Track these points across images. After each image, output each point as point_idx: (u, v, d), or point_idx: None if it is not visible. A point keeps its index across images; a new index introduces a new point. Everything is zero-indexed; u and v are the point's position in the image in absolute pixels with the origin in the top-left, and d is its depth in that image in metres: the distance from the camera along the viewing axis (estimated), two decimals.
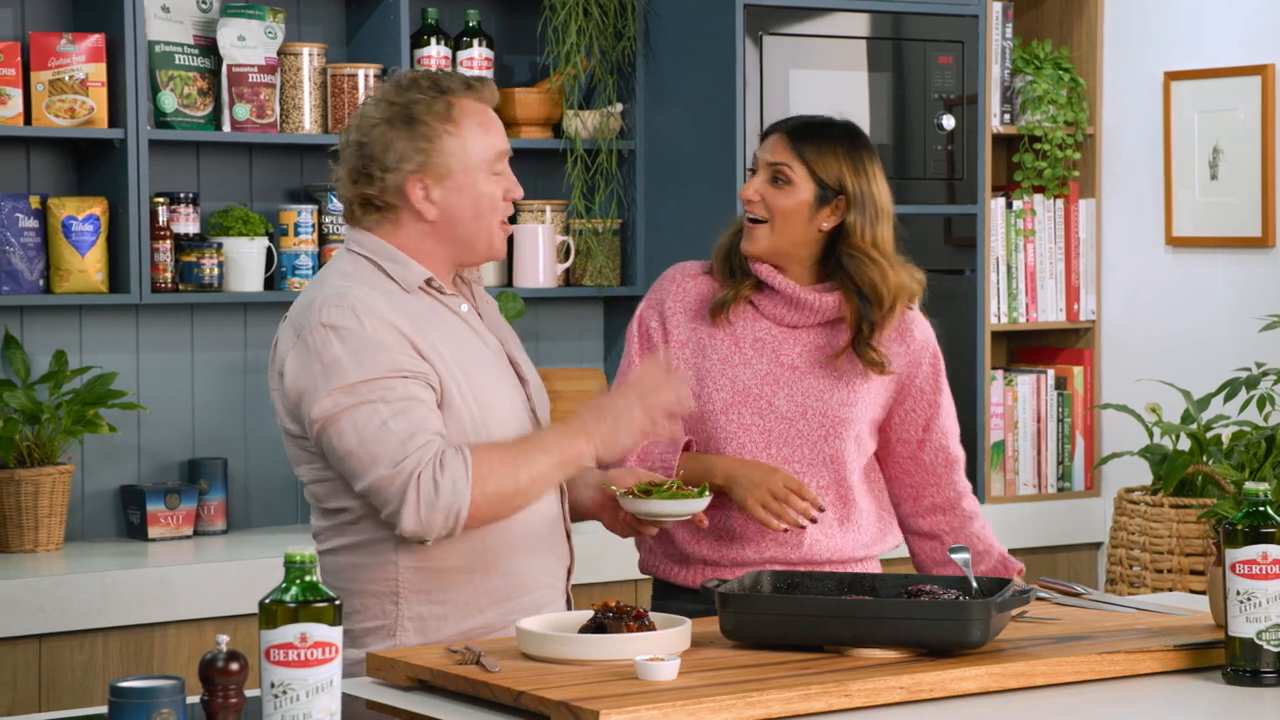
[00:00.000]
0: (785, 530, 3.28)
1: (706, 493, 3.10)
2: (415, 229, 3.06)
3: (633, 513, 3.12)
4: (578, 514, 3.26)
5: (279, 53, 4.71)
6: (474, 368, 3.03)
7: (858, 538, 3.39)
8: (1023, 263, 5.49)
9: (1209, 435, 4.79)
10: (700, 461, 3.32)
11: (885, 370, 3.35)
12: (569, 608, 3.15)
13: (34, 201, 4.46)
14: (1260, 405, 4.75)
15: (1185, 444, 4.89)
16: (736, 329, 3.37)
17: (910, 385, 3.42)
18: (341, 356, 2.92)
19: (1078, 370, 5.56)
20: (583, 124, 5.01)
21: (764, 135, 3.40)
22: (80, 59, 4.46)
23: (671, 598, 3.39)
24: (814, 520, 3.27)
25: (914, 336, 3.42)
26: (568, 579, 3.17)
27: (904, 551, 3.54)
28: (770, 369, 3.35)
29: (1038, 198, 5.52)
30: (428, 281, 3.06)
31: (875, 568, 3.45)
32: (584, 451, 2.96)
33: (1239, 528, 2.81)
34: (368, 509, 2.98)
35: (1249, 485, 2.82)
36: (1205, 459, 4.74)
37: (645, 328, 3.41)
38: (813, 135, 3.33)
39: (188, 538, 4.59)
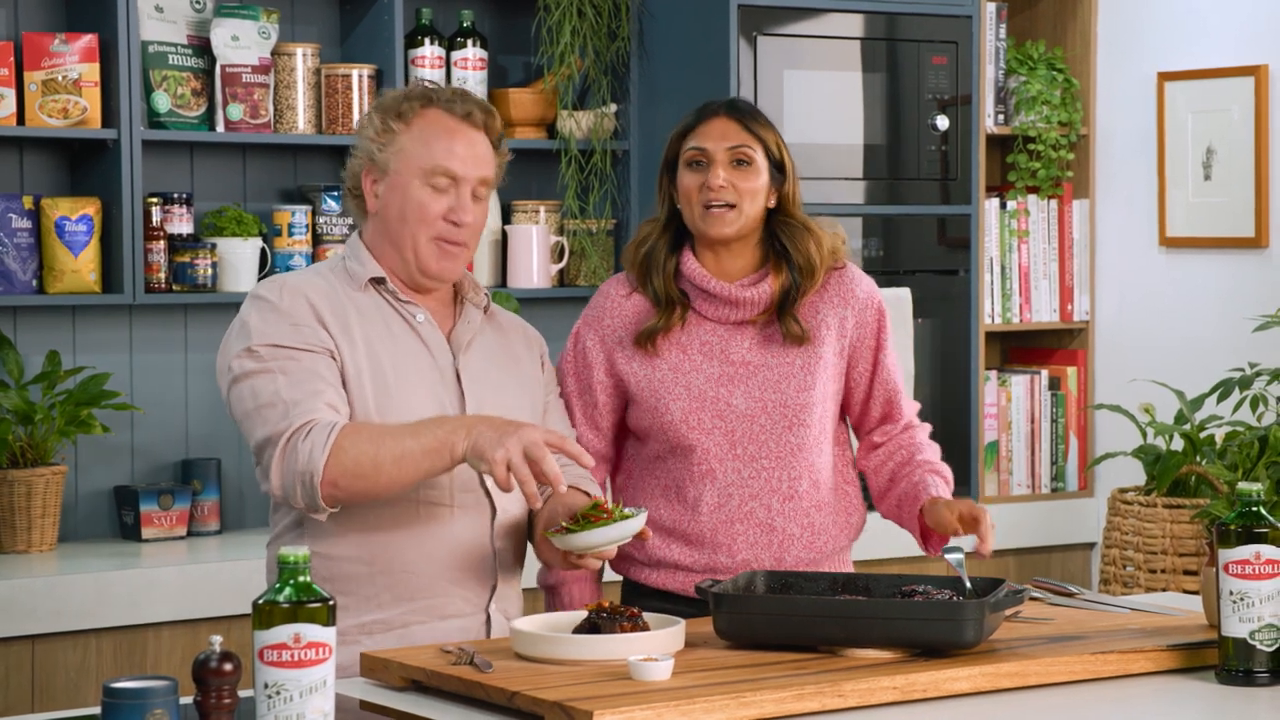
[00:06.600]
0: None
1: (642, 512, 2.97)
2: (372, 224, 3.14)
3: (569, 550, 2.95)
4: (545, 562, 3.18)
5: (273, 53, 4.71)
6: (395, 369, 3.04)
7: (829, 534, 3.33)
8: (1017, 263, 5.49)
9: (1202, 435, 4.79)
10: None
11: (805, 340, 3.30)
12: (488, 628, 3.09)
13: (27, 202, 4.46)
14: (1253, 405, 4.75)
15: (1179, 444, 4.90)
16: (682, 336, 3.32)
17: (860, 346, 3.37)
18: (255, 324, 3.01)
19: (1071, 371, 5.56)
20: (577, 124, 5.01)
21: (695, 123, 3.31)
22: (74, 59, 4.46)
23: (642, 595, 3.34)
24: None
25: (856, 296, 3.36)
26: (490, 598, 3.10)
27: (885, 552, 3.47)
28: (722, 369, 3.31)
29: (1032, 198, 5.52)
30: (379, 282, 3.10)
31: (848, 563, 3.41)
32: (456, 444, 2.87)
33: (1232, 528, 2.82)
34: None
35: (1242, 485, 2.83)
36: (1199, 459, 4.75)
37: (582, 347, 3.35)
38: (751, 113, 3.32)
39: (181, 538, 4.58)
